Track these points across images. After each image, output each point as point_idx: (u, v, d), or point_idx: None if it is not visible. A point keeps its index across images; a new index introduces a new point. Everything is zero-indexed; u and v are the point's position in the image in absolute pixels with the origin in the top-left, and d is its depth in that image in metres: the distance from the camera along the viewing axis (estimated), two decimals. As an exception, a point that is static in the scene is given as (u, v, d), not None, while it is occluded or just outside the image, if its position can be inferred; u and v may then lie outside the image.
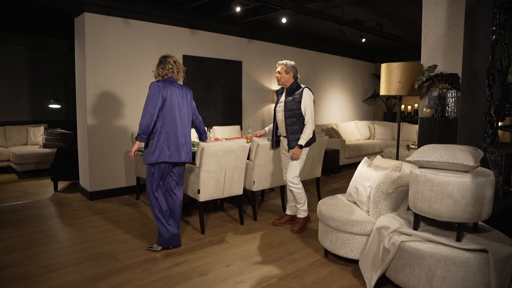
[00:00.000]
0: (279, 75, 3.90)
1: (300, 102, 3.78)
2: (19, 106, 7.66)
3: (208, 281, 2.86)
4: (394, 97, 9.36)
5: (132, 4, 5.10)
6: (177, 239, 3.47)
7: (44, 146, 6.85)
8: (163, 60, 3.37)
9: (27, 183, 6.09)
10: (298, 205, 4.01)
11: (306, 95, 3.79)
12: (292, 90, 3.86)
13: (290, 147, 3.85)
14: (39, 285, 2.76)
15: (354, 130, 8.60)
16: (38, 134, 7.29)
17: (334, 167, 7.08)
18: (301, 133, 3.80)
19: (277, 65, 3.94)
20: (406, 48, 8.09)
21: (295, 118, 3.80)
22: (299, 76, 3.94)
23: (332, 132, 7.56)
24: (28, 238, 3.66)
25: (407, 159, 2.65)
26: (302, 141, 3.77)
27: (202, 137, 3.77)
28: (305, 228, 4.04)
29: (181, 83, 3.51)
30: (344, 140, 7.38)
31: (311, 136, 3.82)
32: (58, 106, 7.17)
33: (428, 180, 2.42)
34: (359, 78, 9.79)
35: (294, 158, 3.81)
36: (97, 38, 4.96)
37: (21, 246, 3.46)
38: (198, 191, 3.77)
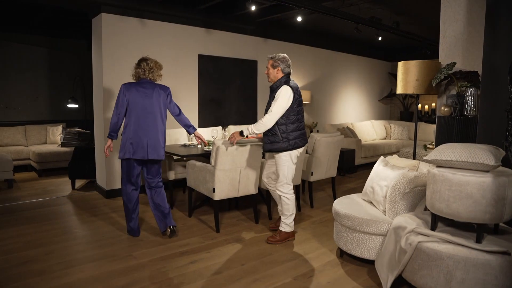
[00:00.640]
0: (267, 71, 3.51)
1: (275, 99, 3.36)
2: (39, 106, 7.85)
3: (223, 280, 2.87)
4: (411, 96, 9.22)
5: (148, 4, 5.15)
6: (170, 221, 3.68)
7: (63, 145, 6.99)
8: (137, 63, 3.62)
9: (46, 181, 6.22)
10: (283, 217, 3.61)
11: (282, 92, 3.34)
12: (276, 88, 3.41)
13: (264, 149, 3.57)
14: (57, 280, 2.81)
15: (370, 129, 8.50)
16: (56, 133, 7.44)
17: (350, 167, 7.01)
18: (275, 135, 3.41)
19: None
20: (424, 47, 7.94)
21: None
22: (291, 71, 3.48)
23: (347, 132, 7.49)
24: (47, 235, 3.74)
25: (424, 158, 2.60)
26: (244, 130, 3.42)
27: (189, 129, 3.84)
28: (285, 242, 3.62)
29: (159, 82, 3.68)
30: (360, 140, 7.31)
31: (257, 132, 3.37)
32: (76, 106, 7.31)
33: (447, 179, 2.37)
34: (375, 77, 9.67)
35: (229, 139, 3.53)
36: (114, 38, 5.03)
37: (40, 242, 3.54)
38: (213, 190, 3.78)
